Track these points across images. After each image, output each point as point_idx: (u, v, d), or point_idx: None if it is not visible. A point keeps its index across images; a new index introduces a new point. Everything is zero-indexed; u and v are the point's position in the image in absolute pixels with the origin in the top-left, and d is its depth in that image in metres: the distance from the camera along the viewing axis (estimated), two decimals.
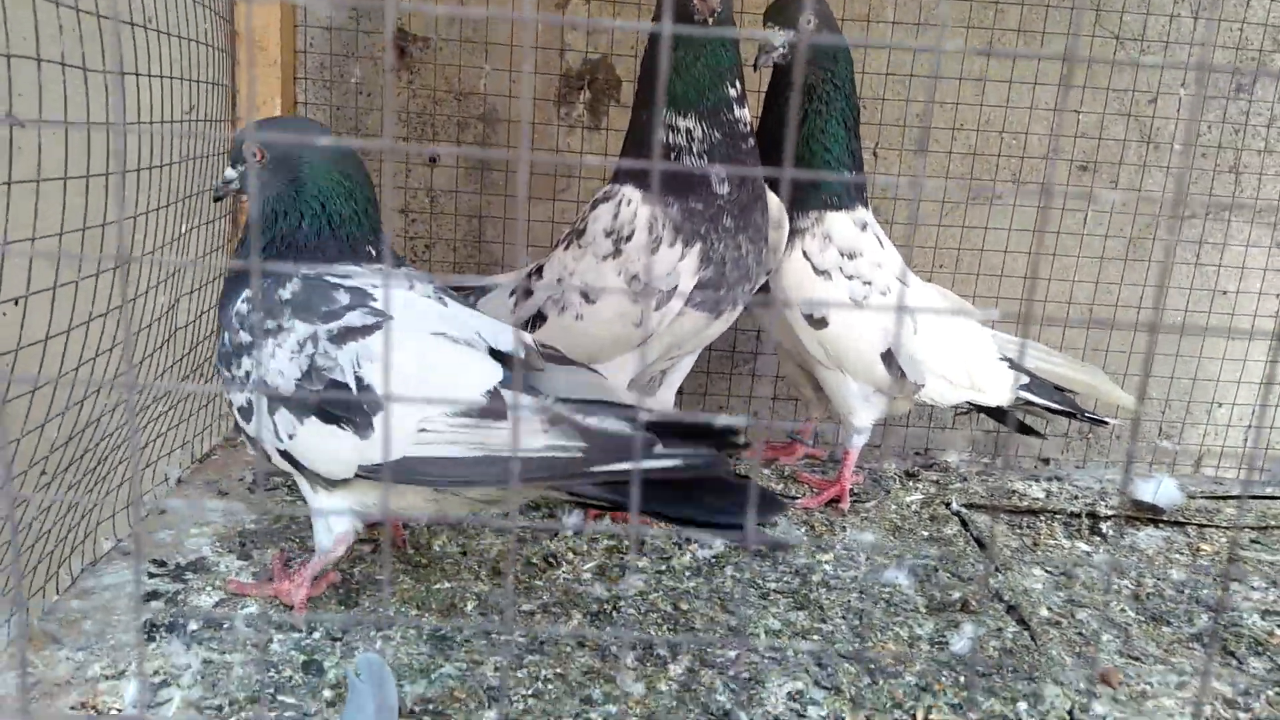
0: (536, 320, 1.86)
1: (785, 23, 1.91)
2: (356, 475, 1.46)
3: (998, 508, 2.20)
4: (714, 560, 1.87)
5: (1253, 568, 2.03)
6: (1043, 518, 2.19)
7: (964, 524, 2.11)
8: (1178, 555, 2.06)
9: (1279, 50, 2.59)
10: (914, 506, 2.17)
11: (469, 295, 1.95)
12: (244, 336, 1.51)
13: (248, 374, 1.50)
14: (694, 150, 1.79)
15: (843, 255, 1.98)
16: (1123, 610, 1.83)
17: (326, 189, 1.56)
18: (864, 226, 2.03)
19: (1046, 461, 2.54)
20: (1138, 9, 2.55)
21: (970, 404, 2.13)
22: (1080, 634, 1.72)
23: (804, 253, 1.98)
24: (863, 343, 2.00)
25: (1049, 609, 1.80)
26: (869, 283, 1.98)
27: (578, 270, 1.83)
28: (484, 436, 1.39)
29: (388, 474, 1.42)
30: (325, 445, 1.45)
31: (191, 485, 2.01)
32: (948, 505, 2.17)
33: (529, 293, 1.89)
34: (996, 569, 1.92)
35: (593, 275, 1.80)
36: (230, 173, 1.66)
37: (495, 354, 1.48)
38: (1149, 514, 2.20)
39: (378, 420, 1.41)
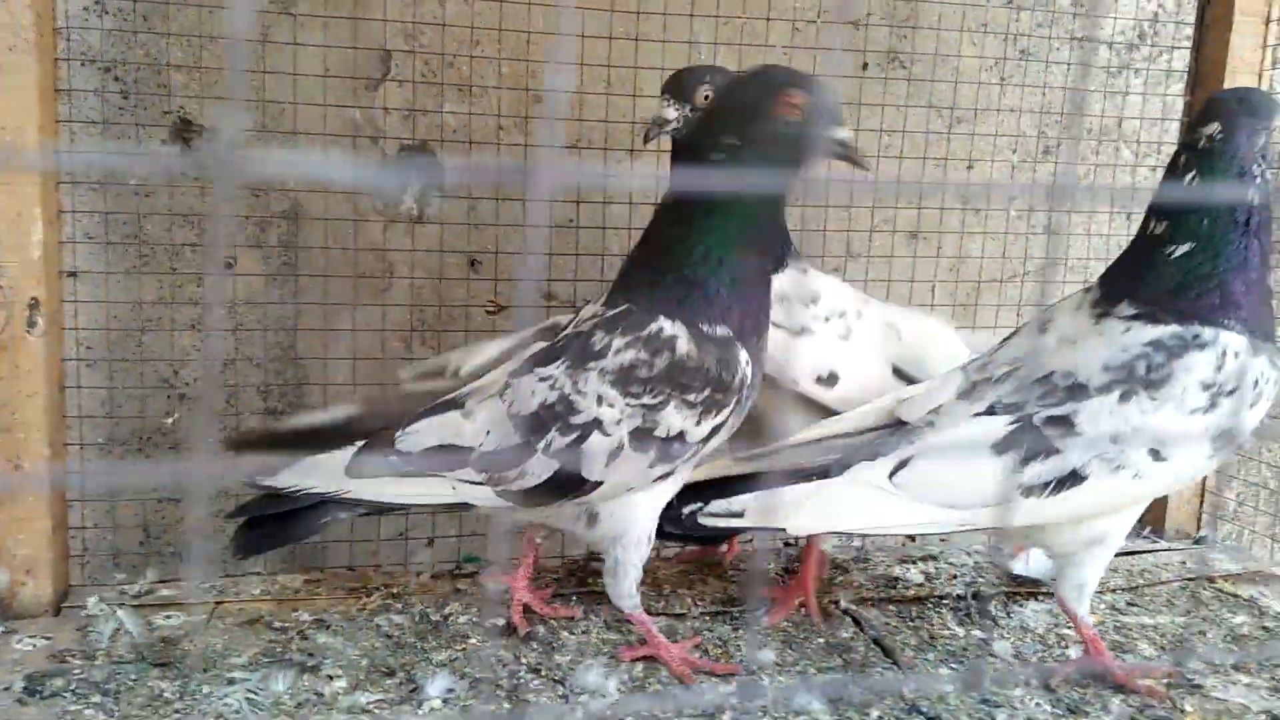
0: (1067, 481, 1.69)
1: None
2: None
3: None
4: None
5: (1138, 634, 2.02)
6: (930, 604, 2.10)
7: (858, 624, 1.98)
8: (1067, 630, 2.01)
9: (1077, 113, 2.69)
10: (804, 610, 2.02)
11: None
12: None
13: None
14: None
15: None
16: (1038, 705, 1.75)
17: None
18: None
19: (913, 538, 2.48)
20: (948, 78, 2.59)
21: None
22: None
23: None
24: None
25: (968, 716, 1.69)
26: (844, 313, 1.88)
27: (1145, 426, 1.69)
28: None
29: None
30: None
31: None
32: (837, 604, 2.04)
33: (1052, 452, 1.69)
34: (905, 675, 1.80)
35: (1176, 429, 1.69)
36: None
37: None
38: (1029, 587, 2.16)
39: None
